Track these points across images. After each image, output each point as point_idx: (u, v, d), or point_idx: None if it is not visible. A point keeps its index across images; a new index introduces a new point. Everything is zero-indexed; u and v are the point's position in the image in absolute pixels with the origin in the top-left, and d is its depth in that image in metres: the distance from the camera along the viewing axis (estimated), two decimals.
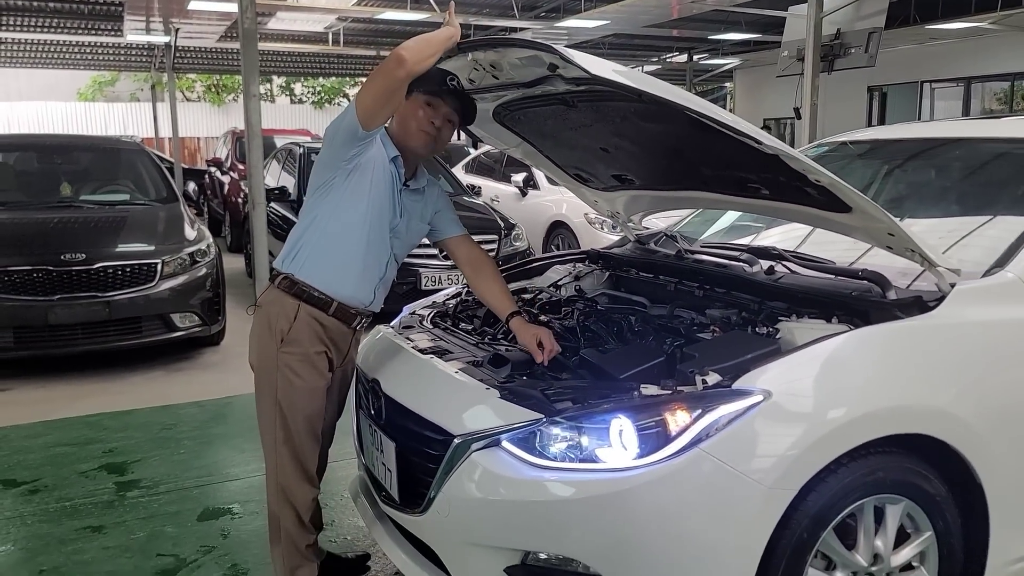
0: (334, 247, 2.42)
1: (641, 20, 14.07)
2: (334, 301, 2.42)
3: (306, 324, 2.41)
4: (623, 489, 1.94)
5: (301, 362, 2.41)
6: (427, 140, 2.45)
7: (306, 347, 2.42)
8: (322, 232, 2.42)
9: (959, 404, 2.15)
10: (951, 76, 17.98)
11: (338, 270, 2.42)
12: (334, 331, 2.45)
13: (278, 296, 2.44)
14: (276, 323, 2.41)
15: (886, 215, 2.22)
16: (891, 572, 2.17)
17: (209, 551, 3.06)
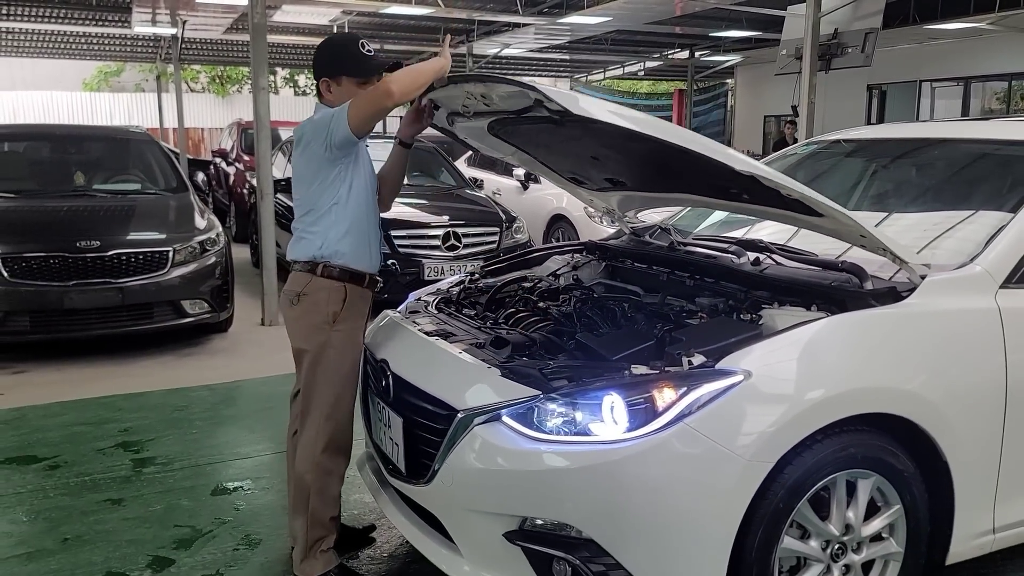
0: (359, 228, 2.66)
1: (643, 16, 14.19)
2: (367, 274, 2.70)
3: (352, 303, 2.67)
4: (614, 460, 2.10)
5: (349, 338, 2.67)
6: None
7: (355, 323, 2.70)
8: (346, 217, 2.63)
9: (927, 387, 2.32)
10: (950, 76, 18.10)
11: (364, 247, 2.69)
12: (367, 301, 2.74)
13: (323, 283, 2.65)
14: (327, 307, 2.63)
15: (853, 220, 2.38)
16: (861, 542, 2.33)
17: (223, 523, 3.23)
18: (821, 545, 2.28)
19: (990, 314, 2.44)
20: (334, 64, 2.64)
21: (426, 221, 7.13)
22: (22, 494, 3.48)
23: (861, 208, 3.33)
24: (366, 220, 2.69)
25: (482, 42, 19.09)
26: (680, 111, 25.63)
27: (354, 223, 2.65)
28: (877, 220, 3.18)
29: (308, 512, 2.67)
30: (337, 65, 2.63)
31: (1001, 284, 2.48)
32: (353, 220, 2.65)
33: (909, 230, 3.01)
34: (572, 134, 2.74)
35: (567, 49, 21.44)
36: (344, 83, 2.61)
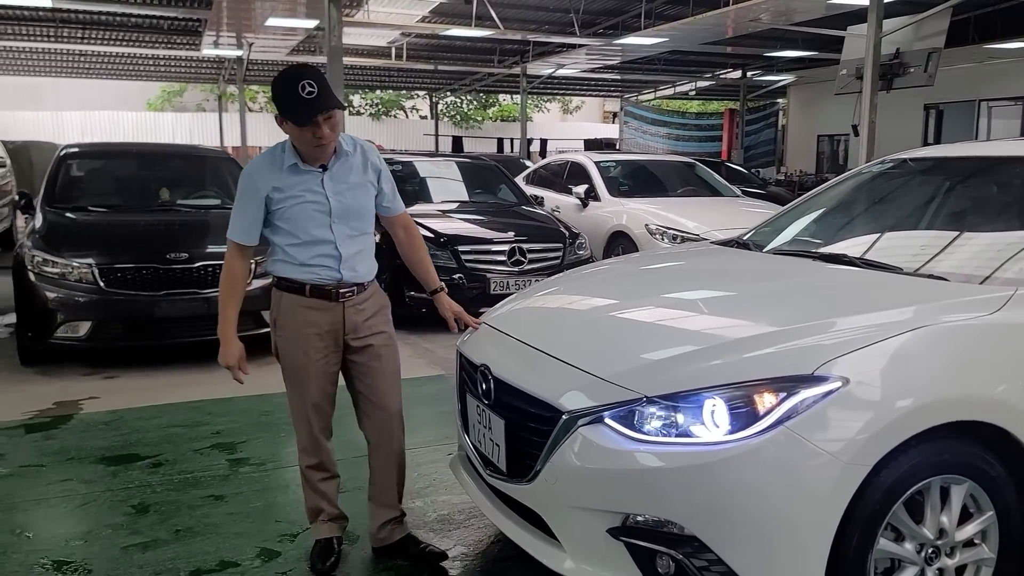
0: (290, 250, 2.83)
1: (699, 37, 14.31)
2: (306, 284, 2.83)
3: (290, 310, 2.86)
4: (716, 461, 2.21)
5: (287, 344, 2.91)
6: (322, 148, 2.73)
7: (296, 331, 2.86)
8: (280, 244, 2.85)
9: (1017, 395, 2.38)
10: (1009, 95, 17.88)
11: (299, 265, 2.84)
12: (321, 312, 2.84)
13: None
14: (270, 313, 2.96)
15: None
16: (955, 546, 2.40)
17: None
18: (915, 548, 2.35)
19: None
20: (278, 105, 2.72)
21: (491, 237, 7.31)
22: (130, 489, 3.70)
23: (934, 226, 3.42)
24: (306, 249, 2.80)
25: (536, 63, 19.36)
26: (731, 131, 25.61)
27: (294, 252, 2.82)
28: (952, 237, 3.28)
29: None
30: (280, 106, 2.71)
31: None
32: (294, 250, 2.82)
33: (989, 246, 3.08)
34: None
35: (618, 69, 21.64)
36: (288, 126, 2.72)
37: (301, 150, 2.76)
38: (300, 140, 2.73)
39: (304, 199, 2.77)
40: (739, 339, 2.51)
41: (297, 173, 2.78)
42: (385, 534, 3.07)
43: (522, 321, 3.12)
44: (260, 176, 2.79)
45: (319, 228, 2.78)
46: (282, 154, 2.79)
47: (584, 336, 2.80)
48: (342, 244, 2.81)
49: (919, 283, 2.78)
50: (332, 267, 2.81)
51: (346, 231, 2.82)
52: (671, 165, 10.46)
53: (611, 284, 3.45)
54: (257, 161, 2.85)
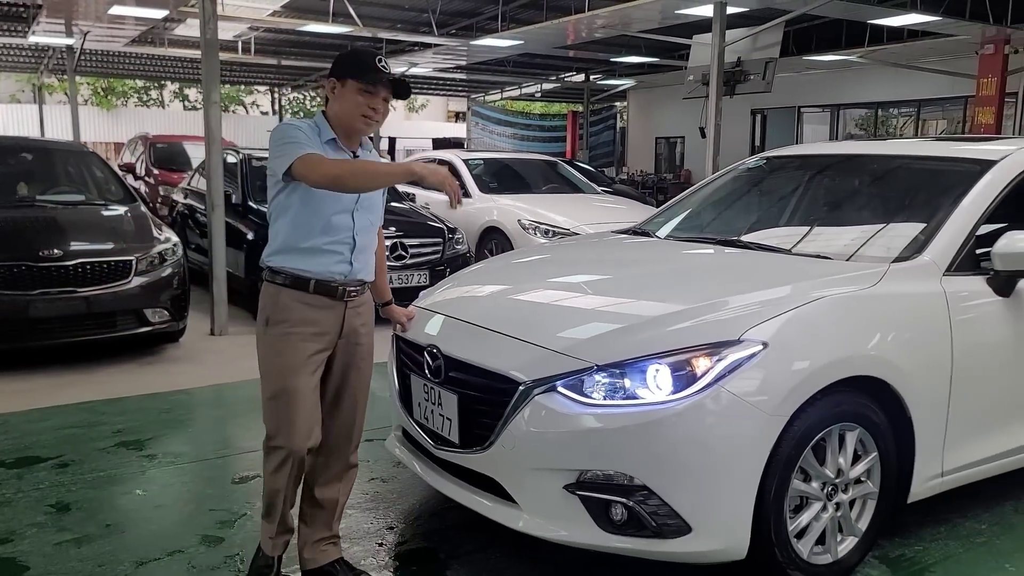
0: (300, 235, 2.65)
1: (552, 41, 14.85)
2: (311, 279, 2.64)
3: (285, 305, 2.64)
4: (661, 418, 2.52)
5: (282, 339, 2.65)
6: (368, 123, 2.67)
7: (291, 326, 2.63)
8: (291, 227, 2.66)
9: (896, 354, 2.85)
10: (820, 103, 19.73)
11: (307, 252, 2.65)
12: (319, 305, 2.65)
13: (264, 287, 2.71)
14: (263, 310, 2.69)
15: None
16: (848, 484, 2.83)
17: (254, 505, 3.43)
18: (820, 486, 2.76)
19: (938, 296, 3.00)
20: (346, 66, 2.66)
21: None
22: (43, 489, 3.57)
23: (811, 212, 3.92)
24: (324, 233, 2.65)
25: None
26: (574, 132, 26.60)
27: (305, 234, 2.64)
28: (828, 222, 3.78)
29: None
30: (348, 68, 2.65)
31: (944, 272, 3.06)
32: (306, 231, 2.64)
33: (860, 230, 3.59)
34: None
35: (468, 69, 21.97)
36: (348, 85, 2.62)
37: (345, 123, 2.65)
38: (352, 108, 2.62)
39: None
40: (670, 313, 2.82)
41: (336, 150, 2.66)
42: (315, 554, 2.84)
43: (462, 304, 3.32)
44: (308, 134, 2.60)
45: (342, 213, 2.65)
46: (316, 127, 2.66)
47: (527, 314, 3.05)
48: (359, 233, 2.69)
49: (808, 262, 3.23)
50: (344, 256, 2.66)
51: (365, 222, 2.72)
52: (535, 163, 10.87)
53: (543, 268, 3.72)
54: (299, 123, 2.65)
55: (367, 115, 2.64)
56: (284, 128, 2.62)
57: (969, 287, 3.09)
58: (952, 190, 3.35)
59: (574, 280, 3.43)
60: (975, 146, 3.92)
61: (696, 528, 2.53)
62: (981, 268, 3.14)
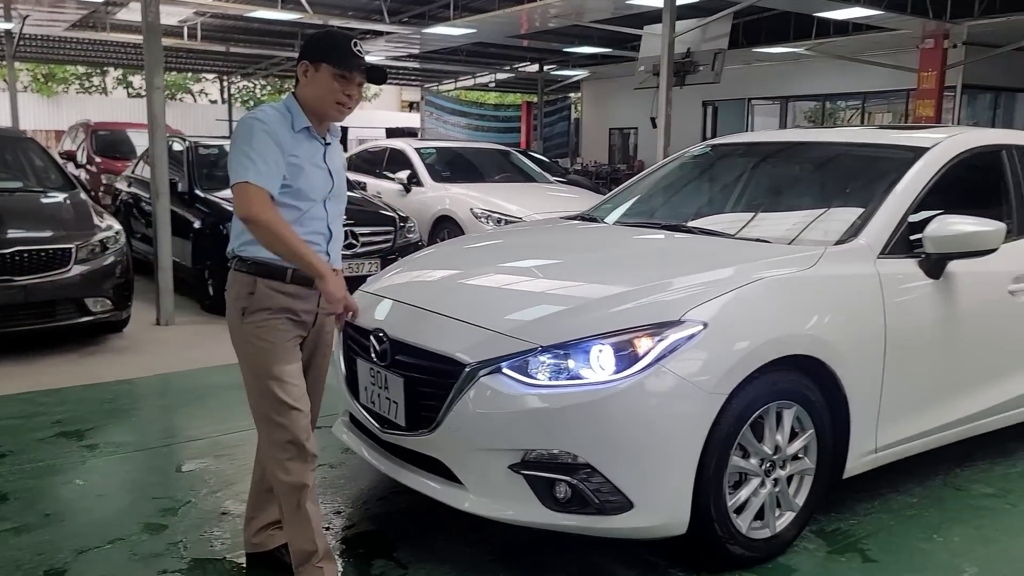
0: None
1: (505, 30, 14.84)
2: (288, 269, 2.54)
3: (264, 294, 2.55)
4: (605, 397, 2.56)
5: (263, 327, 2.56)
6: (342, 110, 2.58)
7: (270, 314, 2.56)
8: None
9: (832, 333, 2.93)
10: (770, 95, 20.06)
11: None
12: (296, 294, 2.58)
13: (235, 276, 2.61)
14: (237, 300, 2.58)
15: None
16: (786, 460, 2.91)
17: (199, 493, 3.41)
18: (758, 463, 2.83)
19: (872, 277, 3.09)
20: (320, 50, 2.55)
21: None
22: None
23: (751, 198, 4.00)
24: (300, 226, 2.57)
25: None
26: (528, 122, 26.63)
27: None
28: (768, 207, 3.86)
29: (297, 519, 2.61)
30: (322, 52, 2.54)
31: (878, 254, 3.15)
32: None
33: (798, 215, 3.68)
34: None
35: (420, 58, 21.85)
36: (323, 70, 2.51)
37: (318, 109, 2.56)
38: (327, 94, 2.52)
39: (312, 170, 2.58)
40: (613, 295, 2.87)
41: (309, 138, 2.58)
42: (263, 539, 2.82)
43: (409, 288, 3.32)
44: (276, 128, 2.50)
45: (316, 203, 2.59)
46: (289, 114, 2.56)
47: (474, 297, 3.07)
48: (332, 222, 2.65)
49: (748, 245, 3.30)
50: (320, 246, 2.61)
51: (336, 210, 2.67)
52: (487, 152, 10.86)
53: (488, 253, 3.73)
54: (267, 114, 2.53)
55: (341, 102, 2.55)
56: (248, 126, 2.49)
57: (902, 269, 3.19)
58: (887, 176, 3.45)
59: (522, 264, 3.45)
60: (909, 134, 4.04)
61: (638, 504, 2.58)
62: (914, 251, 3.24)
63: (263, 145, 2.46)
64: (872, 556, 2.94)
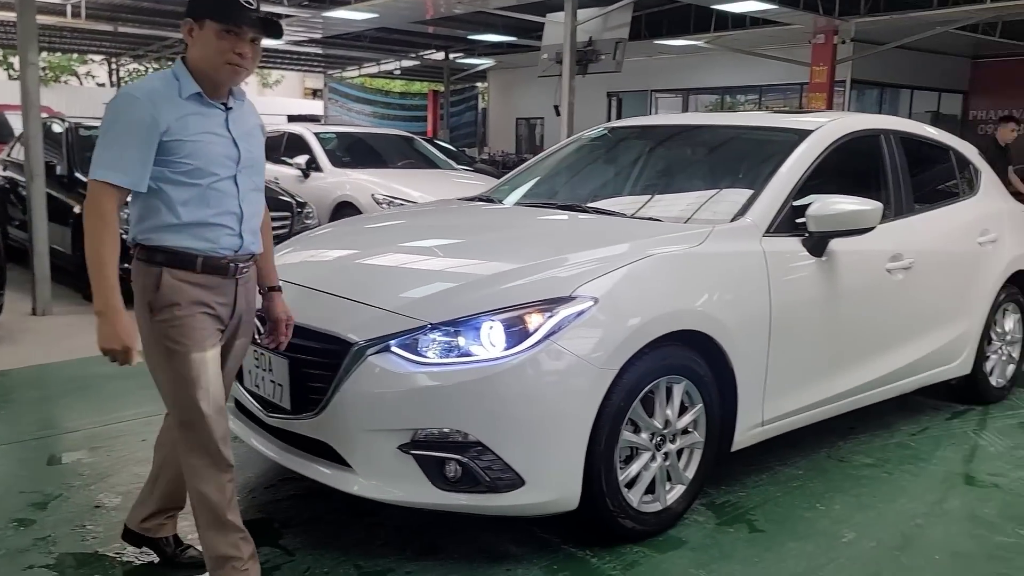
0: (178, 208, 2.27)
1: (407, 16, 14.63)
2: (198, 256, 2.28)
3: (172, 286, 2.27)
4: (496, 374, 2.53)
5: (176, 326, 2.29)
6: (236, 72, 2.27)
7: (181, 309, 2.27)
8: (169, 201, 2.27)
9: (720, 310, 2.97)
10: (672, 87, 20.49)
11: (194, 227, 2.28)
12: (209, 284, 2.31)
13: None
14: (143, 294, 2.30)
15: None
16: (676, 434, 2.94)
17: (72, 487, 3.22)
18: (648, 437, 2.85)
19: (757, 255, 3.16)
20: (203, 4, 2.25)
21: None
22: None
23: (645, 179, 4.04)
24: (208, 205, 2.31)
25: None
26: (435, 111, 26.43)
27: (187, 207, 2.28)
28: (661, 187, 3.91)
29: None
30: (206, 6, 2.24)
31: (764, 233, 3.23)
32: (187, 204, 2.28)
33: (689, 195, 3.74)
34: None
35: (322, 43, 21.35)
36: (207, 28, 2.23)
37: (207, 71, 2.26)
38: (214, 54, 2.22)
39: (211, 141, 2.27)
40: (505, 271, 2.84)
41: (201, 105, 2.27)
42: (152, 525, 2.64)
43: (297, 268, 3.20)
44: (156, 105, 2.19)
45: (224, 180, 2.29)
46: (176, 81, 2.26)
47: (363, 276, 2.99)
48: (245, 200, 2.35)
49: (640, 224, 3.33)
50: (232, 228, 2.32)
51: (248, 184, 2.37)
52: (390, 138, 10.70)
53: (380, 233, 3.66)
54: (147, 85, 2.25)
55: (232, 62, 2.24)
56: (115, 107, 2.22)
57: (787, 247, 3.27)
58: (773, 157, 3.54)
59: (415, 244, 3.40)
60: (796, 118, 4.17)
61: (529, 481, 2.56)
62: (798, 230, 3.33)
63: (126, 133, 2.18)
64: (759, 526, 3.01)
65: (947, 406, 4.40)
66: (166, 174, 2.22)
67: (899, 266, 3.69)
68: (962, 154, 4.56)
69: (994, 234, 4.35)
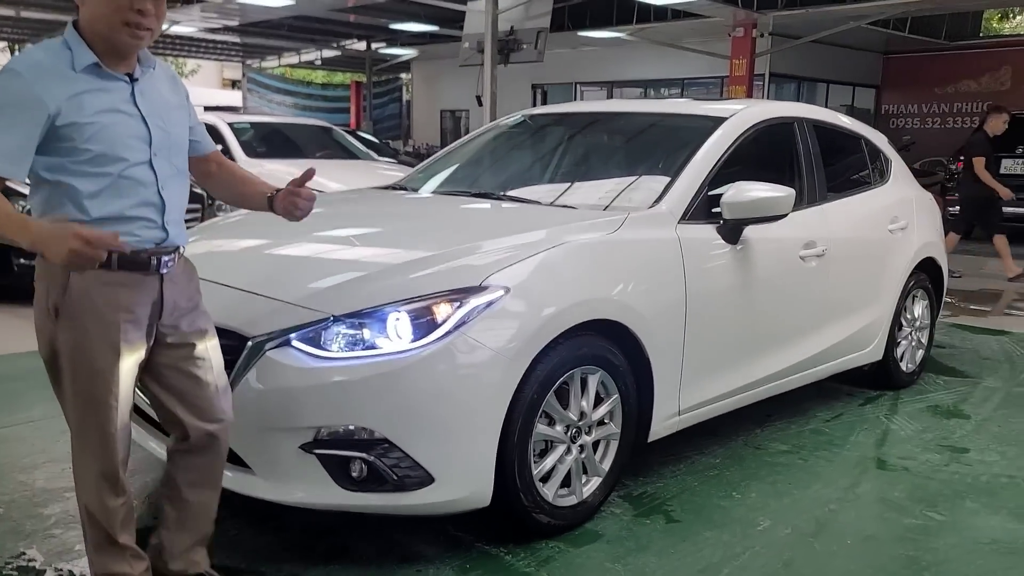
0: (87, 201, 1.98)
1: (330, 3, 14.30)
2: (112, 253, 1.95)
3: (81, 290, 1.99)
4: (402, 367, 2.42)
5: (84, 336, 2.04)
6: (136, 34, 1.96)
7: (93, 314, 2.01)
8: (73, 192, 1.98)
9: (634, 298, 2.92)
10: (598, 79, 20.60)
11: (105, 221, 1.98)
12: (127, 283, 2.03)
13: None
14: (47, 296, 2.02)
15: None
16: (592, 426, 2.88)
17: None
18: (563, 429, 2.78)
19: (673, 242, 3.12)
20: None
21: None
22: None
23: (561, 166, 3.98)
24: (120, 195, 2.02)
25: None
26: (358, 103, 26.02)
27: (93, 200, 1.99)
28: (577, 175, 3.85)
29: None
30: None
31: (679, 220, 3.19)
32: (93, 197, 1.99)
33: (605, 182, 3.68)
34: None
35: (240, 32, 20.77)
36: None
37: (103, 35, 1.94)
38: (109, 12, 1.91)
39: (115, 120, 1.96)
40: (413, 260, 2.73)
41: (100, 78, 1.95)
42: (187, 563, 2.35)
43: (200, 260, 3.01)
44: (42, 80, 1.88)
45: (136, 165, 1.98)
46: (67, 51, 1.93)
47: (263, 268, 2.85)
48: (166, 187, 2.05)
49: (555, 211, 3.26)
50: (153, 221, 2.04)
51: (168, 169, 2.07)
52: (307, 128, 10.42)
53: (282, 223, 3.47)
54: (31, 59, 1.93)
55: (131, 21, 1.93)
56: (4, 80, 1.89)
57: (701, 235, 3.25)
58: (688, 144, 3.51)
59: (323, 234, 3.23)
60: (712, 105, 4.16)
61: (439, 478, 2.46)
62: (713, 217, 3.31)
63: (3, 113, 1.86)
64: (675, 516, 2.98)
65: (861, 392, 4.47)
66: (66, 165, 1.91)
67: (812, 253, 3.72)
68: (873, 143, 4.64)
69: (904, 221, 4.43)
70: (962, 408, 4.28)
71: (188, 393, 2.21)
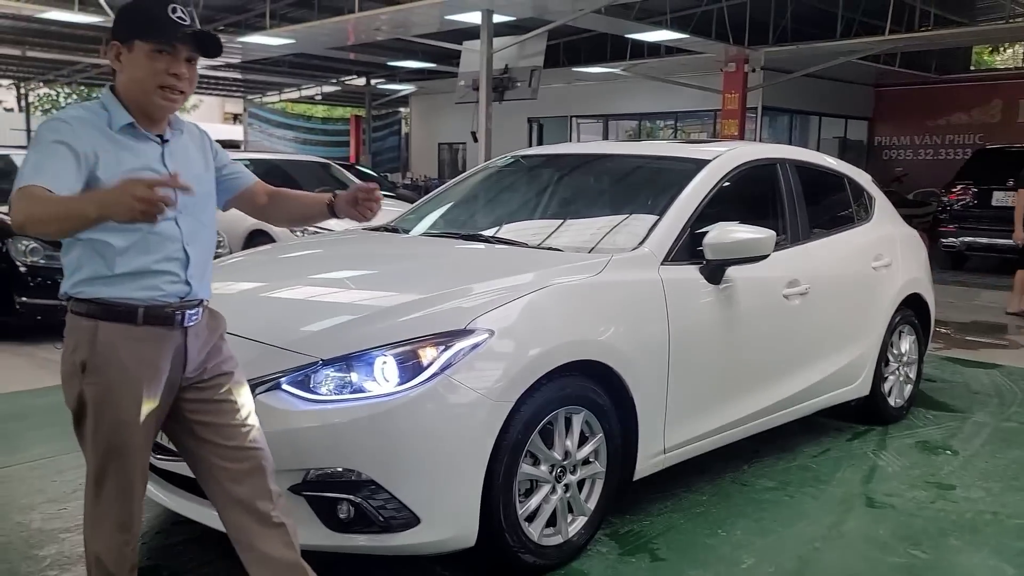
0: (114, 259, 2.04)
1: (324, 42, 14.54)
2: (139, 307, 2.05)
3: (108, 344, 2.04)
4: (388, 410, 2.48)
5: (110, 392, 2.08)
6: (171, 97, 2.06)
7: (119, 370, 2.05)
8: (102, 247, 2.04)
9: (618, 339, 2.99)
10: (594, 113, 20.85)
11: (131, 276, 2.06)
12: (151, 338, 2.08)
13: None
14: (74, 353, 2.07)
15: None
16: (576, 465, 2.93)
17: None
18: (548, 469, 2.83)
19: (656, 284, 3.19)
20: (130, 23, 2.05)
21: None
22: None
23: (549, 209, 4.06)
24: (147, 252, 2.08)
25: None
26: (358, 136, 26.27)
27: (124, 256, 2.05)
28: (564, 217, 3.93)
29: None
30: (133, 26, 2.04)
31: (662, 261, 3.27)
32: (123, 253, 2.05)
33: (590, 225, 3.77)
34: None
35: (241, 68, 21.06)
36: (137, 48, 2.02)
37: (140, 99, 2.05)
38: (147, 77, 2.01)
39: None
40: (400, 304, 2.80)
41: (134, 138, 2.05)
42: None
43: None
44: (86, 129, 1.98)
45: (164, 222, 1.99)
46: (104, 111, 2.04)
47: (254, 311, 2.91)
48: (191, 242, 2.11)
49: (541, 254, 3.33)
50: (177, 275, 2.09)
51: (193, 224, 2.12)
52: (306, 165, 10.57)
53: (274, 266, 3.57)
54: (74, 112, 2.02)
55: (167, 85, 2.03)
56: (40, 134, 1.97)
57: (684, 276, 3.32)
58: (672, 186, 3.60)
59: (308, 277, 3.32)
60: (695, 147, 4.26)
61: (424, 519, 2.51)
62: (696, 258, 3.38)
63: (53, 151, 1.93)
64: (661, 555, 3.02)
65: (849, 427, 4.51)
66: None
67: (796, 291, 3.79)
68: (857, 182, 4.73)
69: (888, 259, 4.51)
70: (950, 443, 4.33)
71: (220, 428, 2.22)
